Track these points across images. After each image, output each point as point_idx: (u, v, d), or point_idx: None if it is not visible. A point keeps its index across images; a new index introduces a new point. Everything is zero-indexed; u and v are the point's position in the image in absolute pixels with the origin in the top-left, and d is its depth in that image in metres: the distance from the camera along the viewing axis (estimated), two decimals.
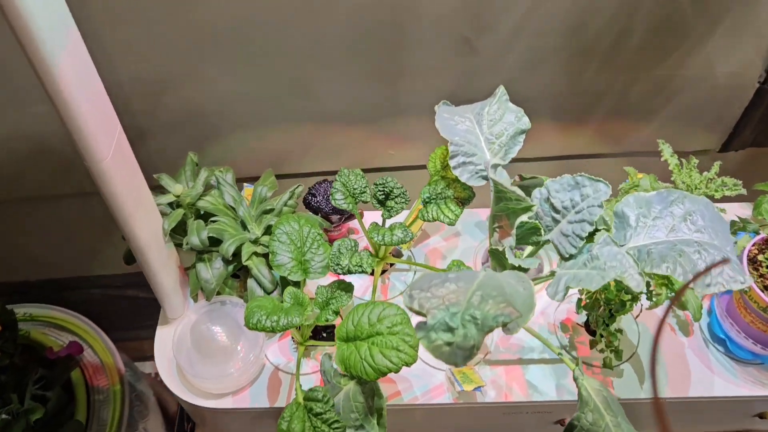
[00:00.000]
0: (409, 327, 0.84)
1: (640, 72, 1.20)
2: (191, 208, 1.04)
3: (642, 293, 0.86)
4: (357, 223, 1.29)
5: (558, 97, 1.23)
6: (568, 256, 0.81)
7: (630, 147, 1.37)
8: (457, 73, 1.15)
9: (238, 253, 1.01)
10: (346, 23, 1.04)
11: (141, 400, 1.46)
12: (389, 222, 1.00)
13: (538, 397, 1.02)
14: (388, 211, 1.00)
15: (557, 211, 0.83)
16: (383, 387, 0.91)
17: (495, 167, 0.83)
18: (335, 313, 0.96)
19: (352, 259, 0.94)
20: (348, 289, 0.98)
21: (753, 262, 0.97)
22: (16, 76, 1.06)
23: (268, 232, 1.05)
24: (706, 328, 1.08)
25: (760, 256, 0.96)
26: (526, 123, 0.91)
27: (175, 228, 1.02)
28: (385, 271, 1.18)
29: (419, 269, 1.17)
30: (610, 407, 0.82)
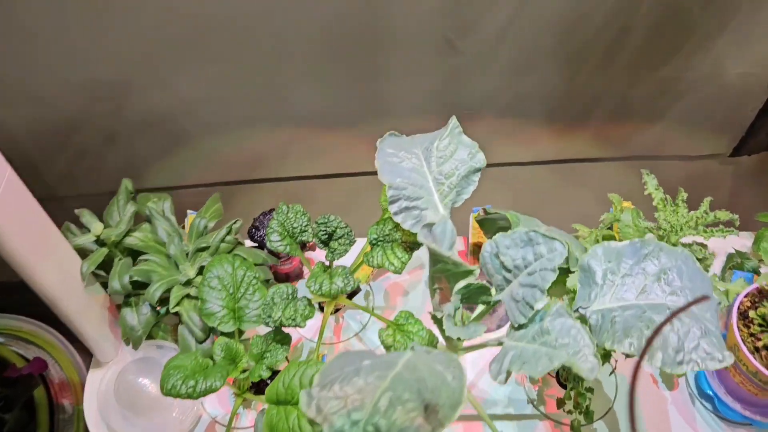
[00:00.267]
0: None
1: (641, 73, 1.11)
2: (117, 246, 0.94)
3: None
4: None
5: (552, 99, 1.15)
6: (517, 325, 0.69)
7: (633, 150, 1.28)
8: (440, 74, 1.07)
9: (168, 297, 0.92)
10: (315, 22, 0.96)
11: None
12: (339, 263, 0.90)
13: None
14: (332, 252, 0.89)
15: (508, 270, 0.72)
16: None
17: (429, 227, 0.71)
18: (270, 369, 0.87)
19: (285, 311, 0.84)
20: (285, 341, 0.88)
21: (744, 317, 0.85)
22: None
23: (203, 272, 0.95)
24: (693, 381, 0.96)
25: (752, 312, 0.83)
26: (480, 160, 0.79)
27: (105, 265, 0.93)
28: (339, 309, 1.07)
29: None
30: None
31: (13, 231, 0.73)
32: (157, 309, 0.95)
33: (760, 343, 0.81)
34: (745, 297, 0.86)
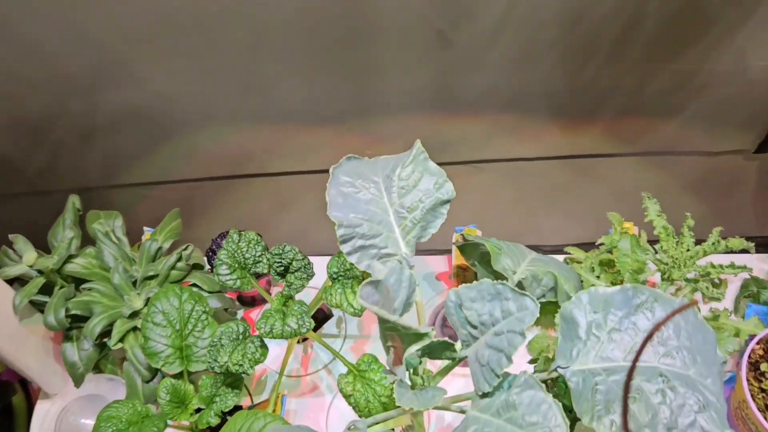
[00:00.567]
0: None
1: (655, 66, 1.03)
2: (60, 272, 0.86)
3: None
4: None
5: (557, 94, 1.08)
6: (481, 393, 0.59)
7: (647, 146, 1.21)
8: (432, 68, 1.00)
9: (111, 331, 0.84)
10: (299, 13, 0.88)
11: None
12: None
13: None
14: (289, 287, 0.80)
15: (473, 326, 0.62)
16: None
17: (374, 284, 0.59)
18: (218, 416, 0.78)
19: (233, 356, 0.75)
20: (236, 384, 0.80)
21: (755, 368, 0.74)
22: None
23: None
24: None
25: (764, 365, 0.72)
26: (448, 191, 0.69)
27: (49, 291, 0.85)
28: (307, 338, 0.98)
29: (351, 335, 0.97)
30: None
31: None
32: (104, 341, 0.86)
33: None
34: (757, 344, 0.75)
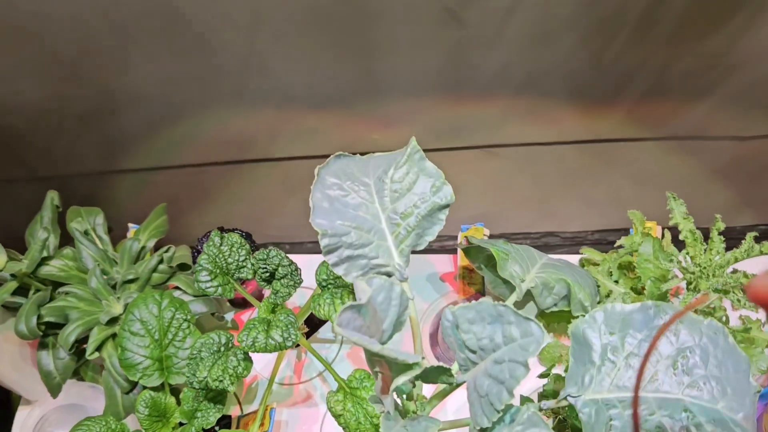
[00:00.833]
0: None
1: (682, 46, 0.96)
2: (34, 275, 0.80)
3: None
4: None
5: (576, 75, 1.02)
6: (478, 429, 0.53)
7: (673, 131, 1.14)
8: (442, 48, 0.95)
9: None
10: None
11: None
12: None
13: None
14: (275, 294, 0.73)
15: (472, 350, 0.55)
16: None
17: (357, 308, 0.51)
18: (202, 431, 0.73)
19: (212, 371, 0.69)
20: (219, 399, 0.74)
21: None
22: None
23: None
24: None
25: None
26: (446, 195, 0.61)
27: (25, 292, 0.80)
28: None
29: (347, 341, 0.91)
30: None
31: None
32: (83, 347, 0.81)
33: None
34: None
